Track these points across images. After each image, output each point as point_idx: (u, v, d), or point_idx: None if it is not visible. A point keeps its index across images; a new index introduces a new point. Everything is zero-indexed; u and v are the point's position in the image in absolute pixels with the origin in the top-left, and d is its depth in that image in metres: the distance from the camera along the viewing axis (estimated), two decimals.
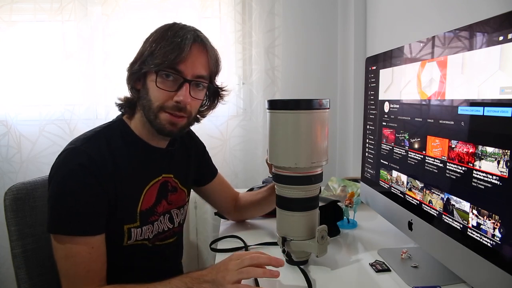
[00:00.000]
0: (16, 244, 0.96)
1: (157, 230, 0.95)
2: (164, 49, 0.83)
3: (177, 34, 0.84)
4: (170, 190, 0.99)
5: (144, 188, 0.91)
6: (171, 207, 0.99)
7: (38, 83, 1.78)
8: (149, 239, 0.92)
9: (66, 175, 0.80)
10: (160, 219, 0.95)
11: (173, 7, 1.77)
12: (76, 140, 0.86)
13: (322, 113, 0.87)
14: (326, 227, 0.89)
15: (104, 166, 0.83)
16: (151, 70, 0.84)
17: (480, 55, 0.66)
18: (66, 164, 0.82)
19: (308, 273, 0.88)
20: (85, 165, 0.80)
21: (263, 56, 1.82)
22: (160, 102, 0.85)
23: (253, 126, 1.88)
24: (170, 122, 0.87)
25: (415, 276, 0.86)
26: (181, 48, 0.83)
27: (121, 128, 0.92)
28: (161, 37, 0.85)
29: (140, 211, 0.89)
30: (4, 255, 1.75)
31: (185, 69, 0.85)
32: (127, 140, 0.90)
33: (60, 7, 1.74)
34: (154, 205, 0.93)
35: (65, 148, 0.85)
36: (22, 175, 1.77)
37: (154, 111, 0.86)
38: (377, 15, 1.61)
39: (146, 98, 0.87)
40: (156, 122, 0.87)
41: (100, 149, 0.84)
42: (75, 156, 0.82)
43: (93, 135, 0.87)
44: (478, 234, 0.66)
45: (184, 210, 1.04)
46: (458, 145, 0.72)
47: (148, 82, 0.86)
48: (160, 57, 0.83)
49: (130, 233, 0.88)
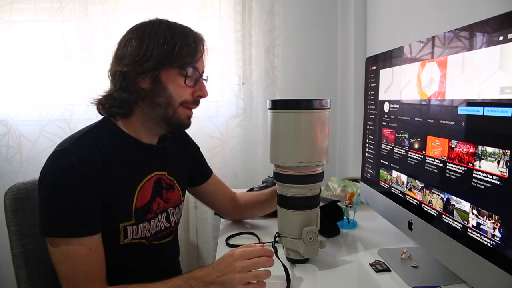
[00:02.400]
0: (16, 244, 0.96)
1: (155, 229, 0.94)
2: (187, 49, 0.87)
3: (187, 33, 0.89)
4: (165, 188, 0.98)
5: (138, 185, 0.91)
6: (168, 205, 0.99)
7: (38, 83, 1.78)
8: (146, 237, 0.92)
9: (57, 176, 0.80)
10: (158, 217, 0.95)
11: (173, 7, 1.77)
12: (64, 142, 0.87)
13: (323, 113, 0.88)
14: (316, 229, 0.89)
15: (94, 165, 0.82)
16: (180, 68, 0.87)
17: (480, 55, 0.66)
18: (56, 166, 0.82)
19: (307, 272, 0.88)
20: (75, 165, 0.80)
21: (263, 56, 1.82)
22: (183, 98, 0.89)
23: (253, 126, 1.88)
24: (188, 116, 0.93)
25: (415, 276, 0.86)
26: (198, 47, 0.90)
27: (109, 127, 0.92)
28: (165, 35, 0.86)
29: (135, 208, 0.89)
30: (4, 255, 1.75)
31: (200, 66, 0.92)
32: (116, 138, 0.90)
33: (60, 7, 1.74)
34: (150, 202, 0.93)
35: (53, 151, 0.84)
36: (22, 175, 1.77)
37: (175, 106, 0.89)
38: (377, 15, 1.61)
39: (163, 95, 0.88)
40: (175, 117, 0.90)
41: (89, 148, 0.84)
42: (64, 157, 0.82)
43: (81, 136, 0.87)
44: (478, 234, 0.66)
45: (180, 209, 1.04)
46: (458, 145, 0.72)
47: (165, 79, 0.87)
48: (186, 56, 0.87)
49: (126, 231, 0.88)
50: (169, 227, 1.00)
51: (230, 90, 1.84)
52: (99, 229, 0.83)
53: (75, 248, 0.79)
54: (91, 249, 0.80)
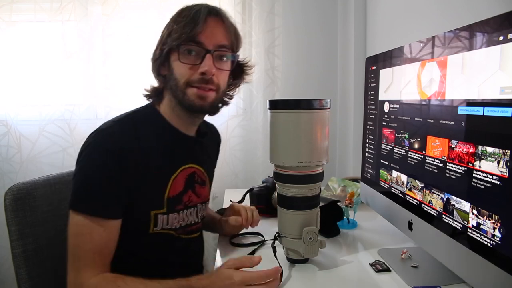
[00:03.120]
0: (16, 244, 0.96)
1: (185, 222, 0.94)
2: (180, 25, 0.84)
3: (192, 9, 0.86)
4: (199, 182, 0.98)
5: (172, 174, 0.91)
6: (199, 200, 0.99)
7: (38, 83, 1.78)
8: (176, 229, 0.92)
9: (90, 156, 0.82)
10: (190, 211, 0.95)
11: (173, 7, 1.75)
12: (107, 122, 0.87)
13: (323, 113, 0.88)
14: (316, 229, 0.89)
15: (130, 152, 0.83)
16: (173, 47, 0.85)
17: (480, 55, 0.66)
18: (93, 145, 0.83)
19: (307, 272, 0.88)
20: (110, 149, 0.81)
21: (263, 56, 1.82)
22: (185, 77, 0.86)
23: (253, 126, 1.88)
24: (198, 96, 0.86)
25: (415, 276, 0.86)
26: (196, 20, 0.84)
27: (151, 114, 0.93)
28: (177, 16, 0.88)
29: (168, 197, 0.89)
30: (4, 255, 1.75)
31: (205, 39, 0.85)
32: (156, 125, 0.91)
33: (60, 7, 1.74)
34: (181, 193, 0.93)
35: (96, 129, 0.86)
36: (22, 175, 1.76)
37: (181, 88, 0.86)
38: (377, 15, 1.61)
39: (172, 78, 0.88)
40: (185, 99, 0.87)
41: (129, 132, 0.85)
42: (102, 138, 0.83)
43: (123, 119, 0.88)
44: (478, 234, 0.66)
45: (206, 206, 1.04)
46: (458, 145, 0.72)
47: (172, 62, 0.87)
48: (178, 33, 0.84)
49: (156, 219, 0.87)
50: (197, 223, 0.99)
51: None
52: (119, 215, 0.83)
53: (90, 225, 0.79)
54: (105, 231, 0.81)
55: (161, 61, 0.89)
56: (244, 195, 1.38)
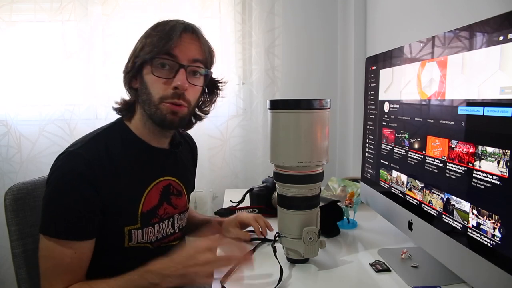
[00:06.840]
0: (16, 244, 0.96)
1: (161, 234, 0.94)
2: (155, 38, 0.84)
3: (167, 24, 0.86)
4: (175, 194, 0.98)
5: (145, 190, 0.90)
6: (175, 211, 0.98)
7: (38, 83, 1.78)
8: (151, 242, 0.92)
9: (59, 179, 0.81)
10: (165, 223, 0.94)
11: (173, 7, 1.77)
12: (75, 143, 0.87)
13: (323, 113, 0.88)
14: (316, 229, 0.89)
15: (101, 170, 0.82)
16: (146, 60, 0.84)
17: (480, 55, 0.66)
18: (62, 167, 0.82)
19: (307, 272, 0.89)
20: (79, 171, 0.80)
21: (263, 56, 1.82)
22: (160, 93, 0.85)
23: (253, 126, 1.88)
24: (171, 111, 0.86)
25: (415, 276, 0.86)
26: (171, 35, 0.83)
27: (121, 130, 0.92)
28: (151, 30, 0.87)
29: (141, 212, 0.89)
30: (5, 255, 1.75)
31: (179, 53, 0.84)
32: (126, 141, 0.90)
33: (60, 7, 1.74)
34: (156, 207, 0.92)
35: (63, 151, 0.85)
36: (22, 175, 1.77)
37: (155, 103, 0.85)
38: (377, 15, 1.61)
39: (145, 92, 0.86)
40: (157, 114, 0.86)
41: (98, 152, 0.84)
42: (71, 160, 0.82)
43: (92, 138, 0.87)
44: (478, 234, 0.66)
45: (185, 216, 1.03)
46: (458, 145, 0.72)
47: (145, 75, 0.86)
48: (152, 46, 0.84)
49: (130, 235, 0.87)
50: (174, 233, 0.98)
51: (230, 90, 1.84)
52: (91, 235, 0.82)
53: (60, 249, 0.79)
54: (76, 253, 0.80)
55: (133, 73, 0.88)
56: (244, 195, 1.38)
